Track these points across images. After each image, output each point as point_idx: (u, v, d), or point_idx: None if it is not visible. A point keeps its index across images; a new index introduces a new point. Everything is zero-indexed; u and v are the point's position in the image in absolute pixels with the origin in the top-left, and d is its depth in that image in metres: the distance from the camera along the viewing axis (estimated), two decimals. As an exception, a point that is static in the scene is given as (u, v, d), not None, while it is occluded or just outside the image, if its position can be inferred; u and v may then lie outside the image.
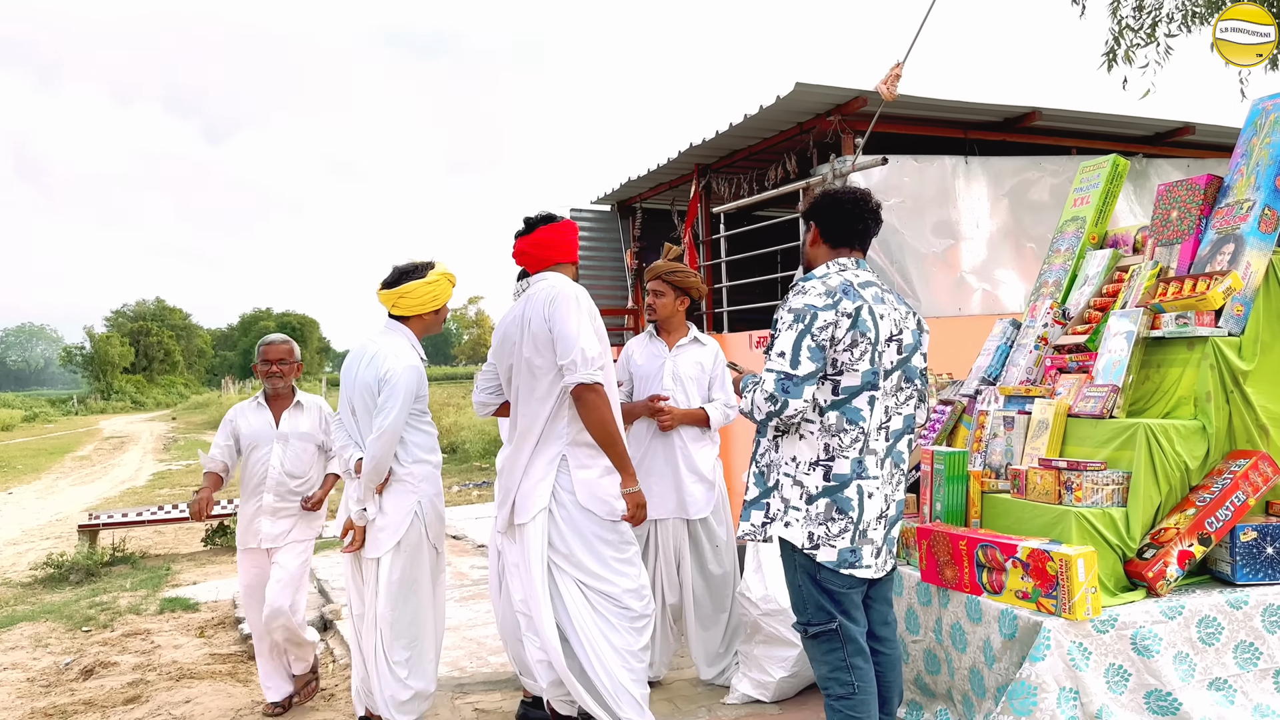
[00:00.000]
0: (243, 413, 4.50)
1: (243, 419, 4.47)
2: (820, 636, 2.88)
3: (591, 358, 3.29)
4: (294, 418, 4.43)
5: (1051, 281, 4.14)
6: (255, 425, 4.42)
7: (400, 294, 3.75)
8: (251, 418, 4.45)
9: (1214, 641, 3.08)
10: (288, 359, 4.45)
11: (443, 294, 3.83)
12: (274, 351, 4.45)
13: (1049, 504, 3.29)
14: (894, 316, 2.92)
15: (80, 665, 5.25)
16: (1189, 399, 3.35)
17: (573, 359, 3.28)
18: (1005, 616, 3.10)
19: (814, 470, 2.84)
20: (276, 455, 4.35)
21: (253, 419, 4.44)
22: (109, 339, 63.19)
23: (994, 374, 4.09)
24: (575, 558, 3.39)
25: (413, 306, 3.78)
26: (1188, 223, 3.63)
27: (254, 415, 4.46)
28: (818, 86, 5.75)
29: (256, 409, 4.47)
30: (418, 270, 3.80)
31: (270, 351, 4.44)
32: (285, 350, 4.46)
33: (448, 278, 3.85)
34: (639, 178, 8.20)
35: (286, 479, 4.35)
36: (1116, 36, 6.32)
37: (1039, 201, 6.48)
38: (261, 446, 4.38)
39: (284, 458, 4.36)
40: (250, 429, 4.42)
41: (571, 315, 3.31)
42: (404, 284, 3.75)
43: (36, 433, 31.72)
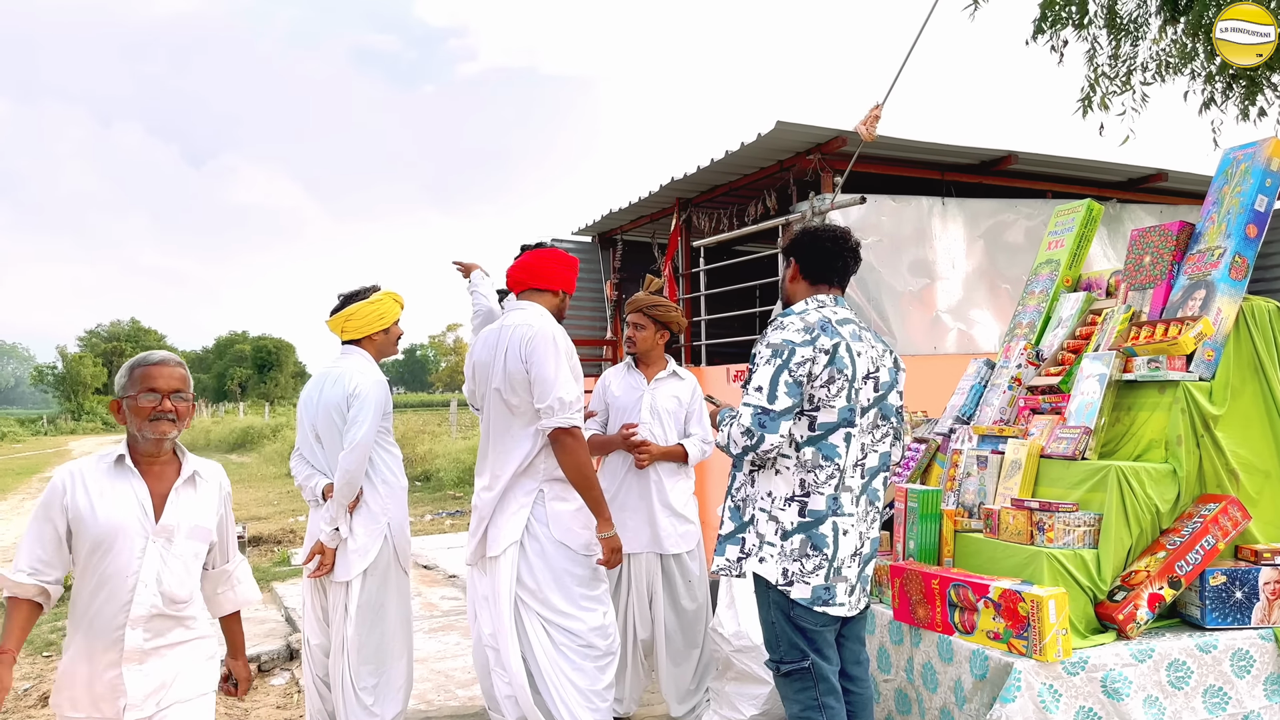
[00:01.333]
0: (87, 480, 2.53)
1: (87, 494, 2.51)
2: (793, 674, 2.87)
3: (569, 402, 3.30)
4: (185, 500, 2.61)
5: (1026, 323, 4.18)
6: (113, 508, 2.51)
7: (346, 317, 3.78)
8: (108, 493, 2.53)
9: (1183, 685, 3.08)
10: (184, 390, 2.60)
11: (389, 313, 3.84)
12: (166, 376, 2.57)
13: (1021, 544, 3.29)
14: (871, 354, 2.94)
15: (39, 691, 5.14)
16: (1160, 442, 3.37)
17: (549, 404, 3.29)
18: (976, 657, 3.10)
19: (789, 506, 2.84)
20: (152, 563, 2.52)
21: (110, 496, 2.52)
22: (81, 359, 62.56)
23: (968, 413, 4.11)
24: (542, 594, 3.36)
25: (360, 328, 3.80)
26: (1160, 268, 3.68)
27: (111, 489, 2.54)
28: (798, 125, 5.81)
29: (114, 476, 2.56)
30: (361, 293, 3.83)
31: (160, 376, 2.56)
32: (180, 377, 2.61)
33: (393, 297, 3.87)
34: (620, 210, 8.24)
35: (164, 604, 2.54)
36: (1093, 84, 6.44)
37: (1014, 243, 6.56)
38: (122, 546, 2.51)
39: (164, 568, 2.54)
40: (106, 514, 2.49)
41: (549, 358, 3.31)
42: (348, 307, 3.78)
43: (3, 453, 31.23)
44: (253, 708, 4.91)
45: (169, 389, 2.57)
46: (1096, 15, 6.33)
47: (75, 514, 2.52)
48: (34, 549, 2.54)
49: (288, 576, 7.99)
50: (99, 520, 2.51)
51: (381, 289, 3.87)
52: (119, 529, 2.52)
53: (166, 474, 2.63)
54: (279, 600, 7.01)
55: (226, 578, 2.83)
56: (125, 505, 2.54)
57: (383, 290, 3.86)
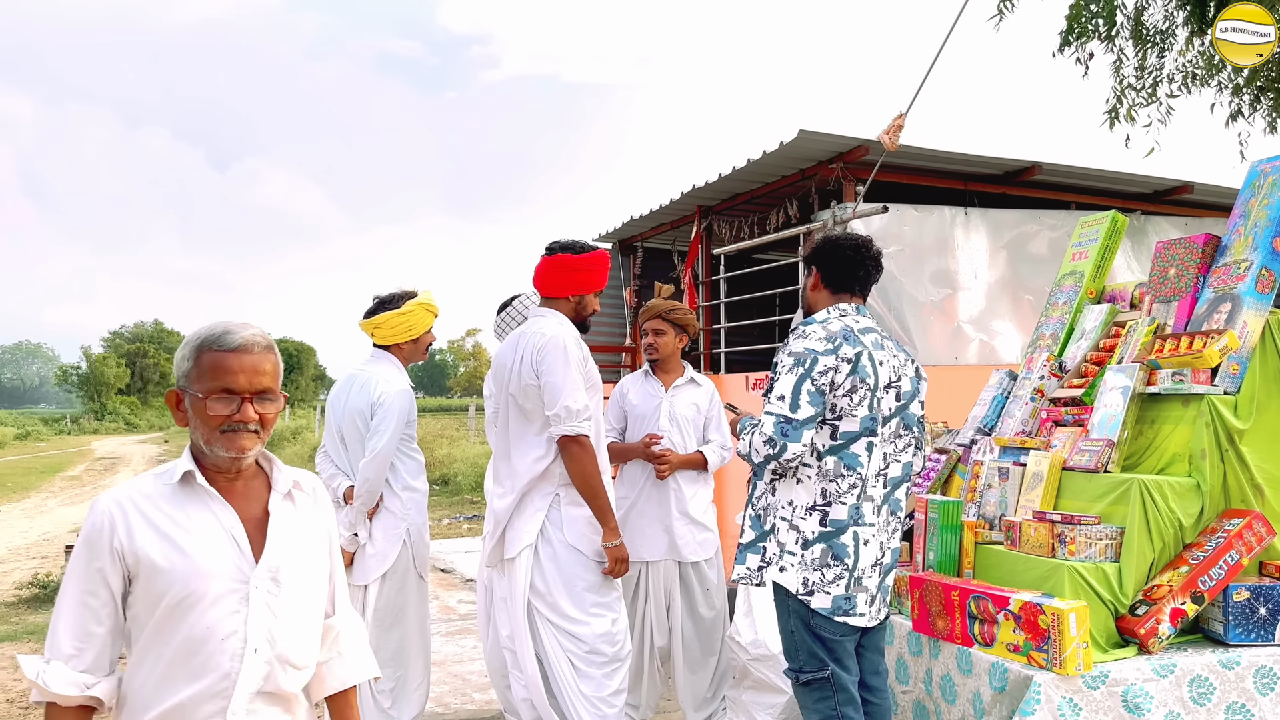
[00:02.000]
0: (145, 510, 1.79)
1: (150, 528, 1.77)
2: (812, 684, 2.87)
3: (577, 410, 3.31)
4: (288, 525, 1.90)
5: (1048, 334, 4.16)
6: (193, 545, 1.78)
7: (375, 324, 3.81)
8: (180, 526, 1.79)
9: (1205, 701, 3.06)
10: (272, 390, 1.86)
11: (418, 324, 3.86)
12: (249, 371, 1.81)
13: (1042, 557, 3.28)
14: (893, 363, 2.94)
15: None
16: (1183, 456, 3.35)
17: (557, 412, 3.31)
18: (996, 669, 3.08)
19: (810, 515, 2.84)
20: (260, 619, 1.80)
21: (184, 530, 1.79)
22: (105, 359, 63.18)
23: (990, 424, 4.09)
24: (551, 598, 3.38)
25: (388, 336, 3.82)
26: (1185, 281, 3.66)
27: (184, 518, 1.80)
28: (821, 134, 5.81)
29: (183, 500, 1.82)
30: (394, 301, 3.85)
31: (239, 370, 1.81)
32: (269, 371, 1.85)
33: (425, 308, 3.87)
34: (641, 217, 8.26)
35: (281, 675, 1.82)
36: (1119, 95, 6.41)
37: (1037, 254, 6.54)
38: (213, 600, 1.78)
39: (275, 624, 1.82)
40: (183, 555, 1.77)
41: (559, 367, 3.33)
42: (379, 314, 3.81)
43: (28, 451, 31.57)
44: (271, 708, 4.94)
45: (252, 388, 1.81)
46: (1123, 26, 6.30)
47: (135, 560, 1.75)
48: (77, 623, 1.75)
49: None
50: (174, 565, 1.74)
51: (417, 296, 3.88)
52: (206, 575, 1.76)
53: (254, 491, 1.89)
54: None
55: (333, 639, 1.99)
56: (209, 540, 1.79)
57: (417, 298, 3.87)
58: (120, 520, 1.78)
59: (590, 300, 3.60)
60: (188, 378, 1.83)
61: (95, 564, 1.76)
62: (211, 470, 1.86)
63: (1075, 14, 6.17)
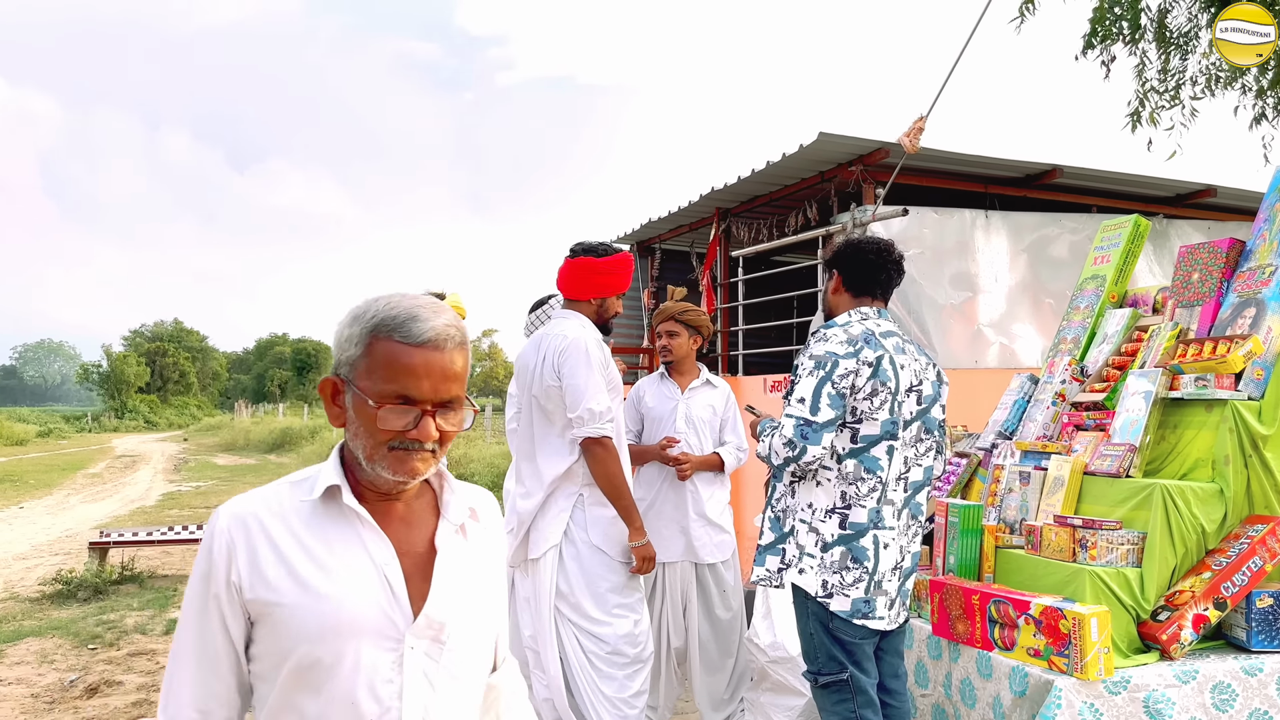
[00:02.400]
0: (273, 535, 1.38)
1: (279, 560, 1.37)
2: (830, 686, 2.87)
3: (600, 412, 3.34)
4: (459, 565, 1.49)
5: (1070, 338, 4.14)
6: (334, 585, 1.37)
7: None
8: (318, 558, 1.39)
9: (1228, 708, 3.04)
10: (458, 399, 1.44)
11: None
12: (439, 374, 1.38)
13: (1063, 561, 3.27)
14: (914, 367, 2.94)
15: (85, 683, 5.24)
16: (1206, 461, 3.33)
17: (579, 414, 3.33)
18: (1016, 673, 3.07)
19: (830, 518, 2.84)
20: (416, 688, 1.39)
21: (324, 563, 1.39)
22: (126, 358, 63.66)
23: (1010, 428, 4.08)
24: (574, 598, 3.40)
25: None
26: (1209, 285, 3.64)
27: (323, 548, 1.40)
28: (841, 137, 5.81)
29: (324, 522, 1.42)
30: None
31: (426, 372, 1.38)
32: (457, 375, 1.43)
33: (456, 309, 3.90)
34: (660, 219, 8.28)
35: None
36: (1142, 98, 6.37)
37: (1058, 258, 6.51)
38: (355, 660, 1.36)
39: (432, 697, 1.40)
40: (321, 598, 1.36)
41: (580, 369, 3.35)
42: None
43: (50, 448, 31.85)
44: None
45: (437, 398, 1.37)
46: (1146, 29, 6.27)
47: (256, 600, 1.35)
48: (196, 679, 1.38)
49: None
50: (306, 612, 1.34)
51: (449, 296, 3.91)
52: (348, 629, 1.35)
53: (417, 515, 1.46)
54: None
55: (493, 700, 1.58)
56: (354, 579, 1.37)
57: (447, 299, 3.90)
58: (241, 544, 1.36)
59: (613, 303, 3.62)
60: (353, 368, 1.39)
61: (212, 603, 1.37)
62: (367, 485, 1.43)
63: (1099, 16, 6.15)
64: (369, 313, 1.39)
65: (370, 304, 1.42)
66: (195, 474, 21.18)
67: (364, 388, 1.37)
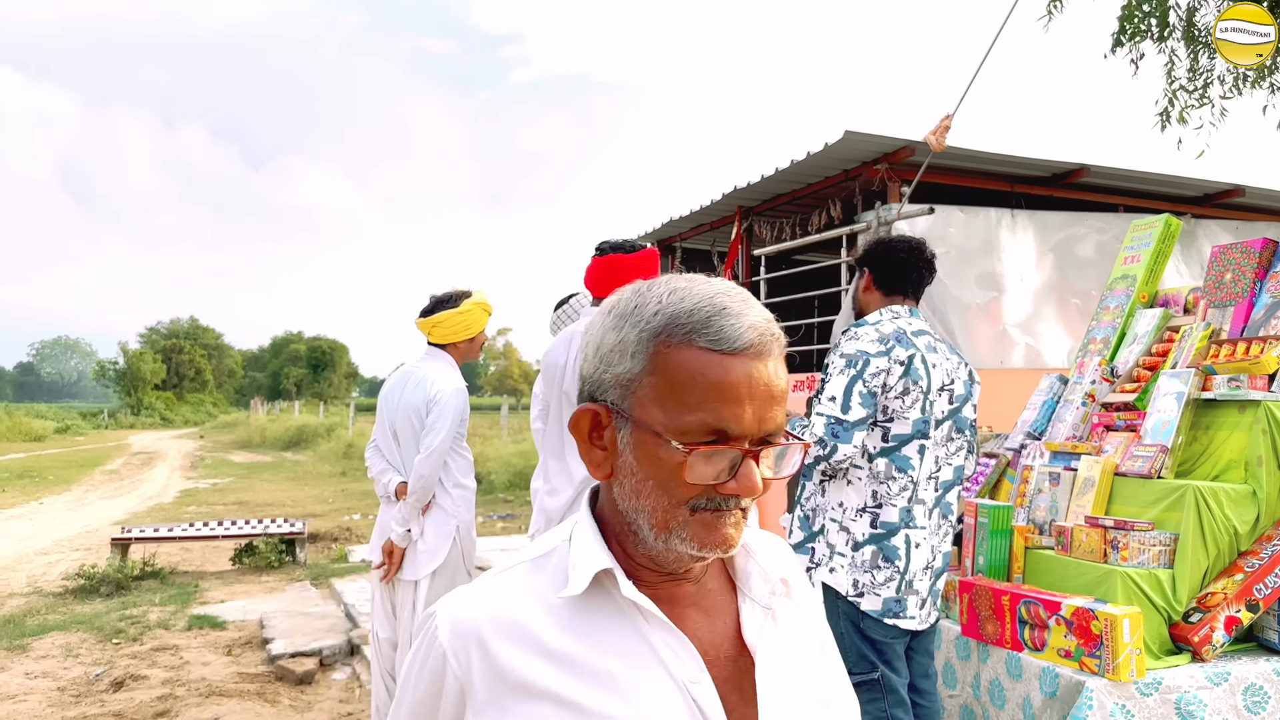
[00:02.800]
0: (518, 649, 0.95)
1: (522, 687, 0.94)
2: (861, 686, 2.86)
3: None
4: (781, 659, 1.04)
5: (1100, 338, 4.12)
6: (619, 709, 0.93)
7: (433, 323, 3.84)
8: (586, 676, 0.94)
9: (1260, 710, 3.02)
10: (779, 429, 0.97)
11: (475, 323, 3.89)
12: (761, 397, 0.95)
13: (1094, 562, 3.25)
14: (946, 366, 2.92)
15: (110, 677, 5.28)
16: (1239, 462, 3.31)
17: None
18: (1046, 674, 3.06)
19: (861, 517, 2.83)
20: None
21: (595, 680, 0.94)
22: (142, 355, 64.11)
23: (1039, 429, 4.06)
24: None
25: (445, 335, 3.85)
26: (1241, 286, 3.62)
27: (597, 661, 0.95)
28: (867, 135, 5.79)
29: (590, 619, 0.97)
30: (452, 300, 3.88)
31: (749, 394, 0.94)
32: (777, 398, 0.97)
33: (481, 307, 3.91)
34: (681, 217, 8.27)
35: None
36: (1171, 97, 6.32)
37: (1084, 257, 6.47)
38: None
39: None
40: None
41: None
42: (437, 313, 3.84)
43: (68, 444, 32.09)
44: (315, 700, 5.00)
45: (762, 430, 0.95)
46: (1175, 27, 6.22)
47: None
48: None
49: (346, 573, 8.12)
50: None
51: (474, 295, 3.92)
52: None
53: (710, 598, 1.04)
54: (338, 596, 7.13)
55: None
56: (650, 704, 0.95)
57: (473, 298, 3.91)
58: (478, 665, 0.95)
59: None
60: (629, 391, 0.95)
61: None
62: (641, 563, 1.00)
63: (1128, 14, 6.10)
64: (648, 307, 0.96)
65: (642, 294, 0.99)
66: (212, 471, 21.30)
67: (654, 420, 0.93)
